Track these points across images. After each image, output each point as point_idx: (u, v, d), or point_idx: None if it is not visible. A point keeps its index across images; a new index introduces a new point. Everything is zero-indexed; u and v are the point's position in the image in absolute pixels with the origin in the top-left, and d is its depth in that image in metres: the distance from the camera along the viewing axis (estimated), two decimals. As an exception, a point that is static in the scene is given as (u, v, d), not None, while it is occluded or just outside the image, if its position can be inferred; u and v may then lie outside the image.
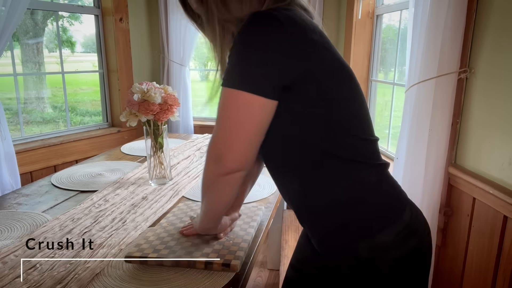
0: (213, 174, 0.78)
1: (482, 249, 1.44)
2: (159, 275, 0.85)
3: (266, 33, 0.71)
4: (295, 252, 1.03)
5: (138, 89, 1.31)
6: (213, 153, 0.76)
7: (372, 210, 0.78)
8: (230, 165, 0.75)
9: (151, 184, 1.41)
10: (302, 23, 0.74)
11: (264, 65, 0.71)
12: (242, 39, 0.73)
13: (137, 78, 2.82)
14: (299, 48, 0.72)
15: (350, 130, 0.78)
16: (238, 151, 0.74)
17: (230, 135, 0.73)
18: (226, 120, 0.74)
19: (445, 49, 1.48)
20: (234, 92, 0.72)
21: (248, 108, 0.72)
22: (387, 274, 0.78)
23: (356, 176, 0.78)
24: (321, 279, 0.90)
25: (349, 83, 0.79)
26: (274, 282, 2.09)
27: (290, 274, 1.01)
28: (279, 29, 0.71)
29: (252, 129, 0.73)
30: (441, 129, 1.57)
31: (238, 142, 0.73)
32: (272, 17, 0.71)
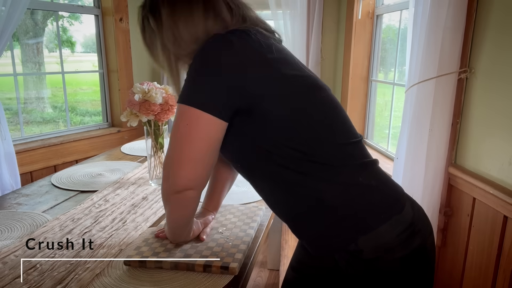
0: (167, 192, 0.78)
1: (482, 249, 1.44)
2: (159, 275, 0.85)
3: (219, 56, 0.74)
4: (295, 253, 1.03)
5: (139, 89, 1.31)
6: (166, 170, 0.77)
7: (364, 208, 0.78)
8: (180, 183, 0.75)
9: (151, 184, 1.41)
10: (256, 44, 0.76)
11: (215, 85, 0.74)
12: (196, 58, 0.77)
13: (137, 78, 2.82)
14: (252, 68, 0.74)
15: (326, 137, 0.78)
16: (187, 169, 0.74)
17: (179, 153, 0.74)
18: (177, 136, 0.75)
19: (445, 49, 1.48)
20: (184, 108, 0.74)
21: (197, 125, 0.73)
22: (391, 274, 0.78)
23: (341, 178, 0.78)
24: (321, 280, 0.90)
25: (314, 92, 0.80)
26: (274, 282, 2.09)
27: (290, 275, 1.01)
28: (232, 51, 0.74)
29: (200, 147, 0.74)
30: (441, 129, 1.57)
31: (186, 159, 0.74)
32: (226, 40, 0.75)
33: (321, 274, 0.91)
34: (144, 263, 0.87)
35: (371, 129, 2.60)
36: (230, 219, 1.08)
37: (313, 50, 2.57)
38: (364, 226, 0.77)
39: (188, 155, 0.74)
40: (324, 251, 0.82)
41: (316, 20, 2.52)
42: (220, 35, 0.77)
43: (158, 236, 0.97)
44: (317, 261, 0.92)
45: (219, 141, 0.77)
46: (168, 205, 0.82)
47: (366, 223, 0.77)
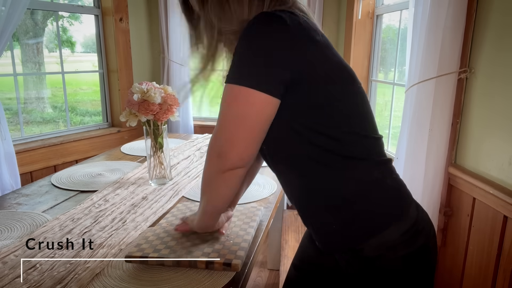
0: (215, 171, 0.78)
1: (482, 249, 1.44)
2: (159, 275, 0.85)
3: (270, 32, 0.72)
4: (298, 252, 1.03)
5: (138, 89, 1.31)
6: (215, 150, 0.76)
7: (377, 207, 0.78)
8: (232, 161, 0.75)
9: (151, 184, 1.41)
10: (305, 24, 0.75)
11: (268, 63, 0.72)
12: (247, 37, 0.73)
13: (137, 78, 2.82)
14: (302, 48, 0.73)
15: (352, 128, 0.78)
16: (240, 148, 0.74)
17: (232, 132, 0.74)
18: (229, 116, 0.74)
19: (445, 49, 1.48)
20: (236, 88, 0.72)
21: (250, 104, 0.72)
22: (393, 273, 0.78)
23: (360, 173, 0.79)
24: (324, 278, 0.90)
25: (350, 82, 0.80)
26: (274, 282, 2.09)
27: (292, 274, 1.01)
28: (284, 28, 0.72)
29: (254, 125, 0.73)
30: (441, 129, 1.57)
31: (240, 138, 0.74)
32: (276, 16, 0.73)
33: (323, 273, 0.91)
34: (146, 260, 0.87)
35: (371, 129, 2.59)
36: (234, 221, 1.07)
37: (313, 50, 2.56)
38: (376, 226, 0.77)
39: (242, 135, 0.74)
40: (334, 248, 0.81)
41: (316, 20, 2.52)
42: (269, 13, 0.75)
43: (178, 229, 0.98)
44: (319, 260, 0.92)
45: (271, 119, 0.76)
46: (213, 186, 0.81)
47: (378, 223, 0.77)
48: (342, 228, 0.78)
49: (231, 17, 0.80)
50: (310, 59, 0.74)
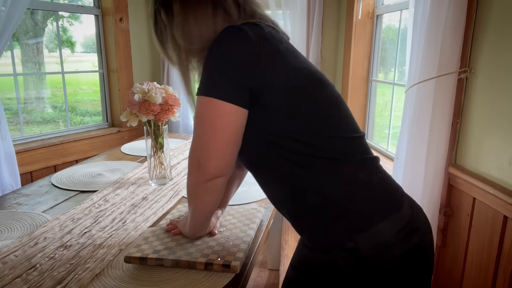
0: (196, 181, 0.81)
1: (482, 249, 1.44)
2: (159, 275, 0.85)
3: (234, 44, 0.76)
4: (296, 252, 1.03)
5: (139, 89, 1.31)
6: (195, 161, 0.79)
7: (364, 205, 0.79)
8: (211, 172, 0.78)
9: (151, 184, 1.41)
10: (268, 34, 0.79)
11: (232, 75, 0.76)
12: (212, 50, 0.77)
13: (137, 78, 2.82)
14: (265, 58, 0.77)
15: (329, 131, 0.80)
16: (217, 158, 0.77)
17: (207, 142, 0.77)
18: (201, 127, 0.77)
19: (445, 49, 1.48)
20: (206, 99, 0.76)
21: (219, 115, 0.75)
22: (388, 272, 0.78)
23: (343, 173, 0.79)
24: (322, 279, 0.90)
25: (320, 86, 0.82)
26: (274, 282, 2.09)
27: (290, 274, 1.01)
28: (246, 39, 0.76)
29: (226, 136, 0.76)
30: (441, 129, 1.57)
31: (215, 149, 0.77)
32: (240, 29, 0.77)
33: (321, 273, 0.91)
34: (145, 260, 0.87)
35: (371, 129, 2.60)
36: (230, 220, 1.08)
37: (313, 50, 2.57)
38: (363, 223, 0.77)
39: (216, 145, 0.76)
40: (322, 246, 0.82)
41: (316, 20, 2.52)
42: (234, 26, 0.79)
43: (169, 230, 1.00)
44: (317, 260, 0.92)
45: (243, 128, 0.79)
46: (197, 196, 0.84)
47: (365, 220, 0.77)
48: (327, 227, 0.79)
49: (197, 34, 0.84)
50: (272, 70, 0.77)
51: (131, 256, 0.88)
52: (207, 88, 0.77)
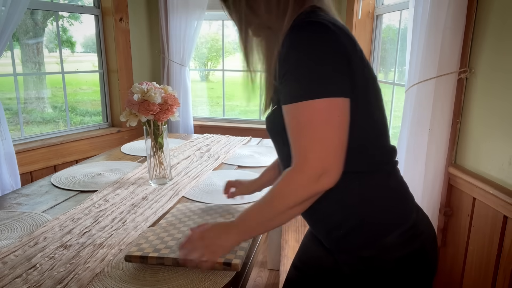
0: (313, 192, 0.71)
1: (482, 249, 1.44)
2: (159, 275, 0.85)
3: (322, 40, 0.70)
4: (298, 253, 1.03)
5: (138, 89, 1.31)
6: (318, 171, 0.69)
7: (387, 213, 0.79)
8: (334, 179, 0.70)
9: (151, 184, 1.41)
10: (344, 28, 0.75)
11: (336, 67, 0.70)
12: (301, 47, 0.70)
13: (137, 78, 2.82)
14: (352, 53, 0.73)
15: (381, 137, 0.80)
16: (340, 162, 0.70)
17: (335, 145, 0.69)
18: (324, 132, 0.68)
19: (445, 49, 1.48)
20: (316, 103, 0.68)
21: (336, 113, 0.69)
22: (386, 274, 0.78)
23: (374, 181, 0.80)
24: (324, 279, 0.90)
25: (379, 91, 0.82)
26: (274, 282, 2.09)
27: (292, 274, 1.01)
28: (333, 35, 0.70)
29: (341, 131, 0.70)
30: (441, 129, 1.57)
31: (338, 153, 0.70)
32: (321, 24, 0.71)
33: (323, 274, 0.91)
34: (146, 259, 0.86)
35: (371, 129, 2.59)
36: (229, 219, 1.08)
37: (313, 50, 2.56)
38: (384, 231, 0.78)
39: (337, 148, 0.69)
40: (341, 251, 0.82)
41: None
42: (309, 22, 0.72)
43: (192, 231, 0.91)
44: (320, 261, 0.92)
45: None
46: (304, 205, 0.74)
47: (377, 233, 0.78)
48: (351, 232, 0.79)
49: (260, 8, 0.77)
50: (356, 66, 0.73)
51: (132, 255, 0.87)
52: (312, 89, 0.68)
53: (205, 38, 5.60)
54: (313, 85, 0.69)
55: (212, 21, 3.29)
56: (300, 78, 0.69)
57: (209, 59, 6.36)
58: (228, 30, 3.42)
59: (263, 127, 2.81)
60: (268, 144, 2.04)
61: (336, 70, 0.69)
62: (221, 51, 3.04)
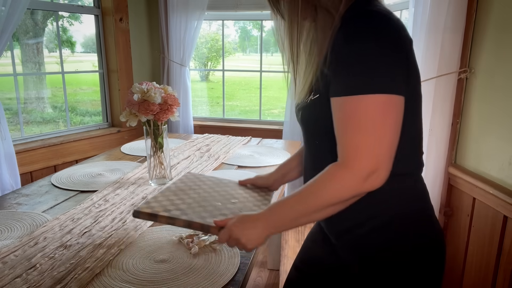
0: (359, 191, 0.69)
1: (482, 249, 1.44)
2: (159, 275, 0.85)
3: (384, 33, 0.67)
4: (300, 254, 1.03)
5: (138, 89, 1.31)
6: (367, 171, 0.66)
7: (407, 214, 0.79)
8: (383, 179, 0.68)
9: (151, 184, 1.41)
10: (402, 23, 0.73)
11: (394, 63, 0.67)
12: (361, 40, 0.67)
13: (137, 78, 2.82)
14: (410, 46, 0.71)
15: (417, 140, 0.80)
16: (391, 162, 0.68)
17: (388, 144, 0.67)
18: (378, 130, 0.66)
19: (445, 49, 1.48)
20: (376, 98, 0.65)
21: (394, 110, 0.66)
22: (400, 278, 0.78)
23: (404, 183, 0.79)
24: (325, 280, 0.90)
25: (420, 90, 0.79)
26: (274, 282, 2.09)
27: (293, 275, 1.01)
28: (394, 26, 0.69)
29: (397, 131, 0.68)
30: (441, 129, 1.57)
31: (390, 153, 0.68)
32: (381, 15, 0.69)
33: (325, 275, 0.91)
34: (156, 217, 0.80)
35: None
36: (242, 194, 1.02)
37: (313, 50, 2.56)
38: (405, 235, 0.78)
39: (390, 146, 0.67)
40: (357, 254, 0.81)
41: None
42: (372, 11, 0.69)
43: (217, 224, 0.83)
44: (322, 261, 0.92)
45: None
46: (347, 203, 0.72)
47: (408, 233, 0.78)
48: (370, 233, 0.78)
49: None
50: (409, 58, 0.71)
51: (141, 211, 0.80)
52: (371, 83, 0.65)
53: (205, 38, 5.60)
54: (373, 78, 0.65)
55: (212, 21, 3.30)
56: (359, 69, 0.66)
57: (209, 59, 6.37)
58: (228, 30, 3.42)
59: (263, 127, 2.83)
60: (268, 144, 2.04)
61: (397, 66, 0.67)
62: (221, 51, 3.04)
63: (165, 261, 0.91)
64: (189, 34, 2.71)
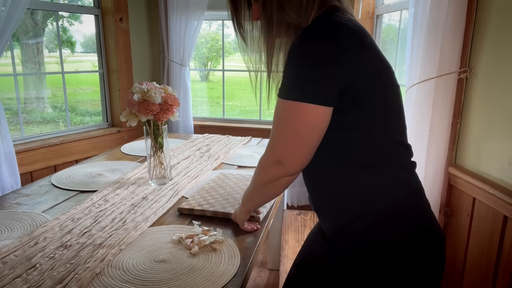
0: (273, 176, 0.83)
1: (482, 249, 1.44)
2: (159, 275, 0.85)
3: (321, 42, 0.72)
4: (300, 253, 1.04)
5: (138, 89, 1.31)
6: (274, 158, 0.81)
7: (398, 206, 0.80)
8: (291, 169, 0.81)
9: (151, 184, 1.41)
10: (355, 28, 0.75)
11: (322, 74, 0.72)
12: (298, 49, 0.74)
13: (137, 78, 2.82)
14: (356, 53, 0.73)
15: (397, 135, 0.82)
16: (299, 157, 0.79)
17: (292, 144, 0.78)
18: (286, 130, 0.77)
19: (445, 49, 1.48)
20: (294, 104, 0.75)
21: (308, 118, 0.74)
22: (398, 274, 0.78)
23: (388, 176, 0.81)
24: (325, 278, 0.90)
25: (395, 88, 0.82)
26: (274, 282, 2.09)
27: (293, 273, 1.02)
28: (336, 35, 0.72)
29: (312, 137, 0.77)
30: (441, 129, 1.57)
31: (299, 149, 0.78)
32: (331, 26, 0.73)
33: (325, 273, 0.91)
34: (192, 211, 1.15)
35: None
36: None
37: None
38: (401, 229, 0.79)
39: (300, 146, 0.77)
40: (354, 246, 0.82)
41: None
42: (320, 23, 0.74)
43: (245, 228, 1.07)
44: (321, 259, 0.92)
45: (326, 127, 0.78)
46: (268, 187, 0.87)
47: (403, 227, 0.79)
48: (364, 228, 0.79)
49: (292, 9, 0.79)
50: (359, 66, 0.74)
51: (183, 208, 1.16)
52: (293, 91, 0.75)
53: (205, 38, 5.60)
54: (292, 86, 0.75)
55: (212, 21, 3.30)
56: (287, 77, 0.76)
57: (209, 59, 6.36)
58: (228, 30, 3.42)
59: (263, 127, 2.83)
60: (268, 144, 2.04)
61: (324, 77, 0.72)
62: (221, 51, 3.04)
63: (165, 261, 0.91)
64: (189, 34, 2.71)
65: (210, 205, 1.17)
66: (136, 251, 0.95)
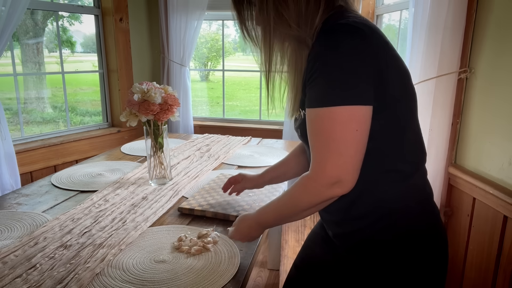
0: (329, 198, 0.73)
1: (482, 249, 1.44)
2: (159, 275, 0.85)
3: (355, 43, 0.69)
4: (300, 253, 1.04)
5: (138, 89, 1.31)
6: (330, 180, 0.70)
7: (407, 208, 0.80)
8: (350, 185, 0.71)
9: (151, 184, 1.41)
10: (374, 28, 0.74)
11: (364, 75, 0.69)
12: (326, 51, 0.69)
13: (137, 78, 2.82)
14: (382, 54, 0.72)
15: (418, 134, 0.83)
16: (358, 170, 0.71)
17: (351, 158, 0.69)
18: (343, 143, 0.68)
19: (445, 49, 1.48)
20: (345, 110, 0.68)
21: (357, 122, 0.68)
22: (401, 275, 0.78)
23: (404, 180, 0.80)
24: (325, 279, 0.90)
25: (413, 88, 0.82)
26: (274, 282, 2.09)
27: (293, 273, 1.02)
28: (365, 37, 0.70)
29: (362, 141, 0.70)
30: (441, 129, 1.57)
31: (358, 161, 0.70)
32: (352, 27, 0.70)
33: (324, 273, 0.91)
34: (193, 211, 1.15)
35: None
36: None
37: (313, 50, 2.56)
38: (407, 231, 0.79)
39: (353, 156, 0.69)
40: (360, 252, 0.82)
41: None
42: (344, 24, 0.71)
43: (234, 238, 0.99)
44: (321, 259, 0.92)
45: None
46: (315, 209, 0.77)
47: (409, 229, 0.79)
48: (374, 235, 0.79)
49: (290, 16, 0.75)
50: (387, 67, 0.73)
51: (183, 207, 1.16)
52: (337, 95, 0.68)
53: (205, 38, 5.60)
54: (335, 91, 0.68)
55: (212, 21, 3.30)
56: (324, 83, 0.69)
57: (209, 59, 6.37)
58: (228, 30, 3.42)
59: (263, 127, 2.83)
60: (268, 144, 2.04)
61: (360, 77, 0.68)
62: (221, 51, 3.04)
63: (165, 261, 0.91)
64: (189, 34, 2.71)
65: (210, 205, 1.17)
66: (136, 251, 0.95)
